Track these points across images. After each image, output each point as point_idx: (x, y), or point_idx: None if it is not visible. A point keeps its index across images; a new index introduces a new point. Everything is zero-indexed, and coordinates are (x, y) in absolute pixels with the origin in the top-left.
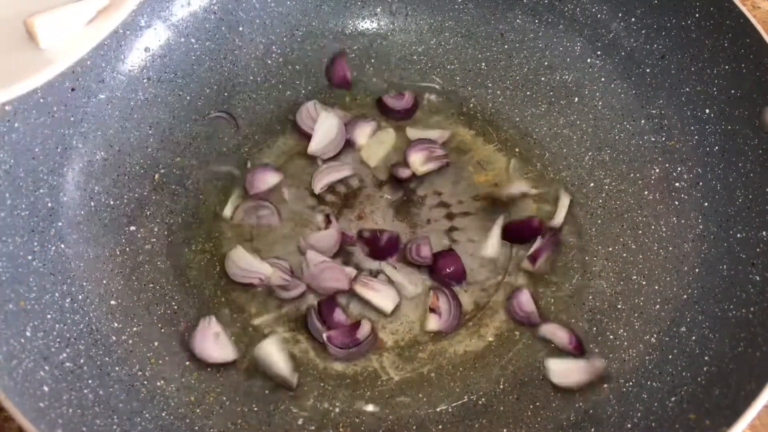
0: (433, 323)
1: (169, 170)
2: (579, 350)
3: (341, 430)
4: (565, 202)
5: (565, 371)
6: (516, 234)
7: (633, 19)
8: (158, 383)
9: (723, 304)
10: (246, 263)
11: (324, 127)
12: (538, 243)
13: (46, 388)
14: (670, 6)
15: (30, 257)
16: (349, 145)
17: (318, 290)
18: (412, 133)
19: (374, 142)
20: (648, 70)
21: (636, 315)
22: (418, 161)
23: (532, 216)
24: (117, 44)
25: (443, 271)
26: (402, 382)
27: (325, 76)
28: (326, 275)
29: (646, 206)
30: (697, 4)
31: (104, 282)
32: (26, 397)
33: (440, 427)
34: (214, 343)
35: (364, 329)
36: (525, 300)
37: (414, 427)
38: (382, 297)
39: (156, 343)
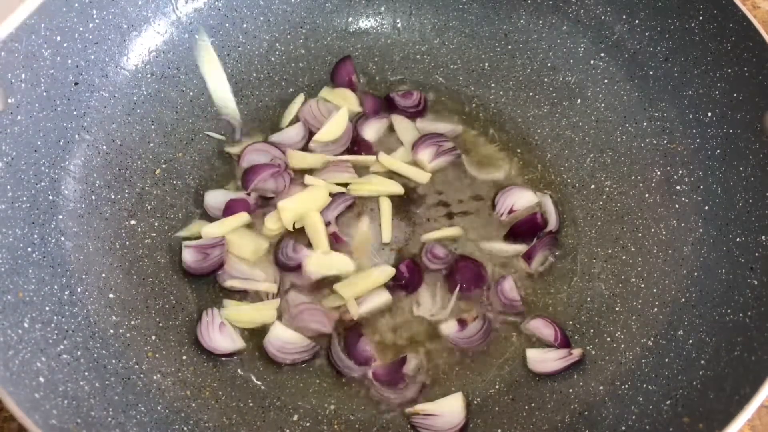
0: (450, 329)
1: (171, 165)
2: (565, 346)
3: (336, 427)
4: (547, 202)
5: (542, 358)
6: (520, 232)
7: (637, 21)
8: (155, 377)
9: (721, 308)
10: (238, 271)
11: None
12: (533, 242)
13: (42, 379)
14: (674, 8)
15: (30, 249)
16: (357, 141)
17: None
18: (422, 126)
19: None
20: (651, 73)
21: (634, 318)
22: (427, 158)
23: (533, 212)
24: (121, 39)
25: (462, 279)
26: None
27: (330, 77)
28: (306, 317)
29: (646, 209)
30: (701, 7)
31: (103, 275)
32: (21, 387)
33: None
34: (221, 333)
35: (412, 364)
36: (508, 287)
37: (408, 426)
38: (378, 296)
39: (154, 337)
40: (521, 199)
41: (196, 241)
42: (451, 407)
